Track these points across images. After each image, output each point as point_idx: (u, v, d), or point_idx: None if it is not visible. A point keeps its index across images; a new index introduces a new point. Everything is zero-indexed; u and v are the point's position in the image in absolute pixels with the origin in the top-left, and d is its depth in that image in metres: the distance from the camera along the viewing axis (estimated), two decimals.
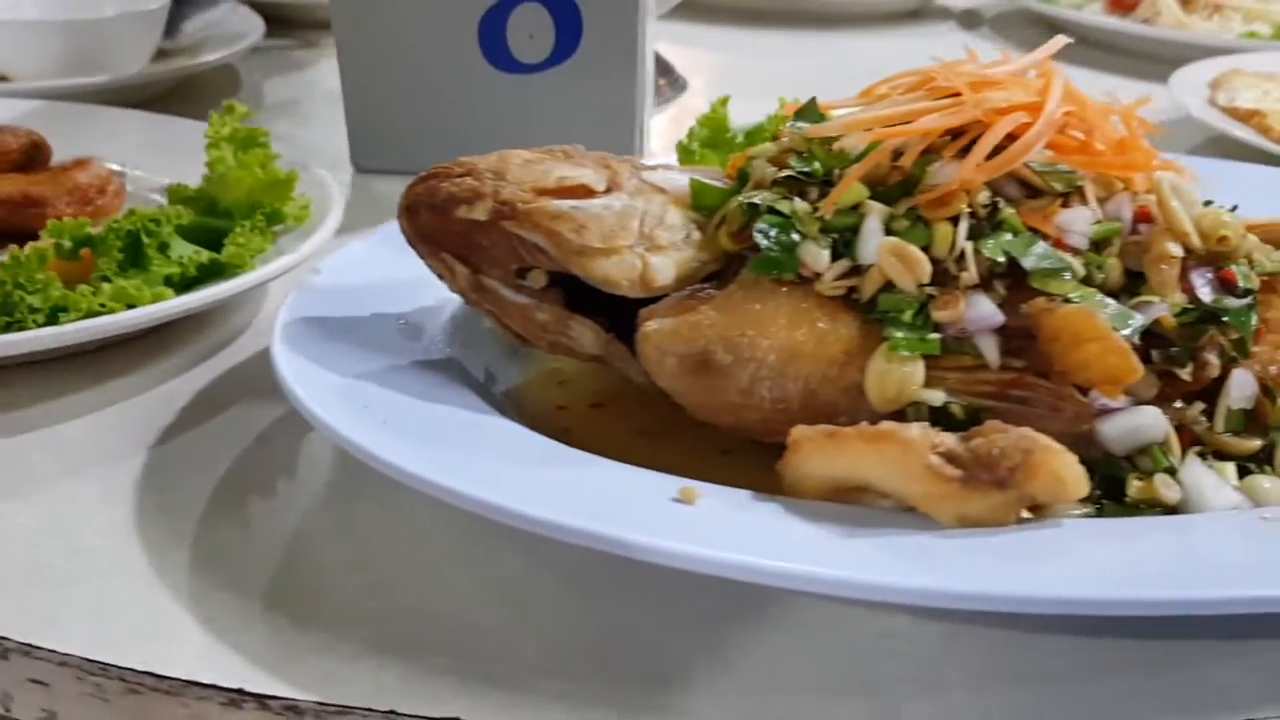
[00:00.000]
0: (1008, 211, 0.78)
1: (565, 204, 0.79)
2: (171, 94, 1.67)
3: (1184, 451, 0.77)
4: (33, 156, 1.20)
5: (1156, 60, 1.82)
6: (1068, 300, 0.75)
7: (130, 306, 0.89)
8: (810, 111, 0.84)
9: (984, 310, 0.76)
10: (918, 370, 0.75)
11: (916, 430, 0.67)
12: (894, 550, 0.64)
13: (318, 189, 1.09)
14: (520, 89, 1.32)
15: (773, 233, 0.77)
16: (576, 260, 0.79)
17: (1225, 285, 0.80)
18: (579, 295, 0.81)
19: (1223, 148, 1.46)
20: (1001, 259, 0.76)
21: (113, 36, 1.59)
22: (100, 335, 0.88)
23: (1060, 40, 0.89)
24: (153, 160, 1.25)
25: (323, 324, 0.84)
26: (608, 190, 0.81)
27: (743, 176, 0.84)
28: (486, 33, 1.30)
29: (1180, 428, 0.78)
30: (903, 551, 0.64)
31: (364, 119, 1.36)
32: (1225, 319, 0.79)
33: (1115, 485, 0.75)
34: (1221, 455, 0.78)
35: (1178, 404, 0.79)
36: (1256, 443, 0.78)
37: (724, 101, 1.07)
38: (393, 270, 0.90)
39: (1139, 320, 0.76)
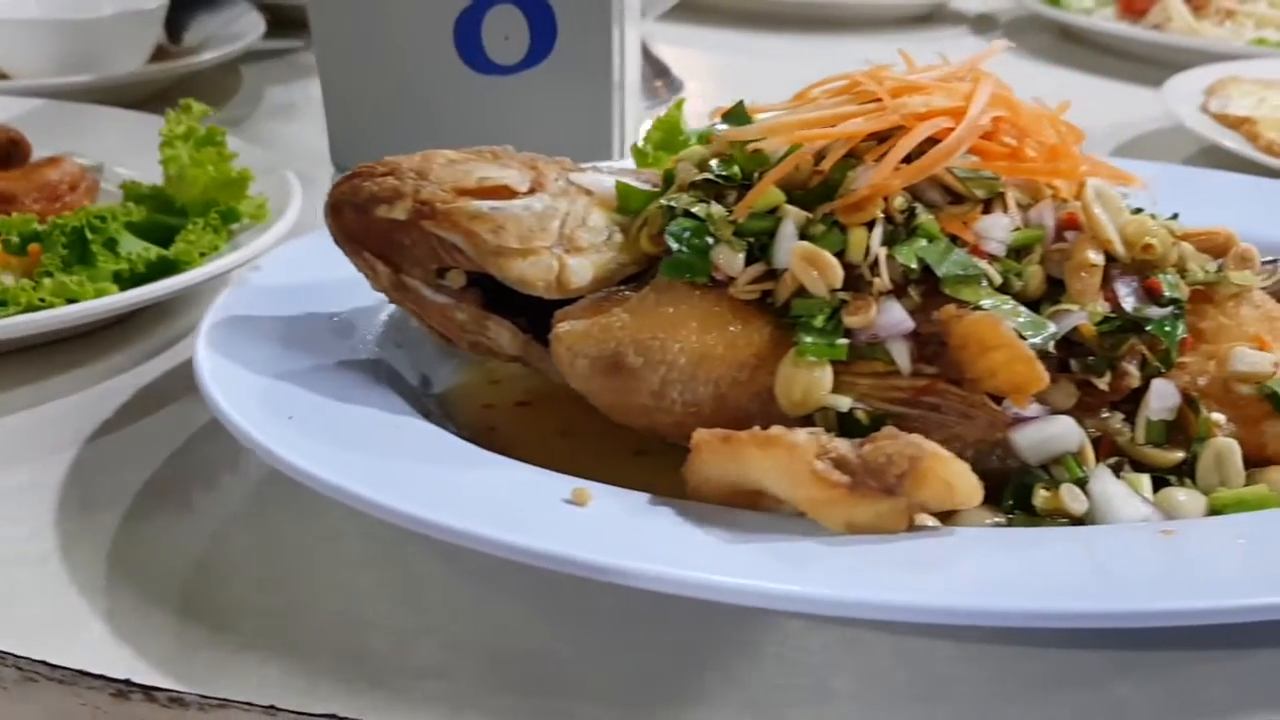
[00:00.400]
0: (924, 217, 0.77)
1: (484, 204, 0.79)
2: (170, 93, 1.69)
3: (1103, 462, 0.76)
4: (10, 153, 1.22)
5: (1166, 66, 1.80)
6: (978, 308, 0.74)
7: (72, 302, 0.90)
8: (737, 114, 0.84)
9: (895, 316, 0.75)
10: (825, 375, 0.74)
11: (804, 435, 0.67)
12: (776, 555, 0.64)
13: (281, 188, 1.10)
14: (496, 90, 1.32)
15: (685, 235, 0.77)
16: (493, 260, 0.79)
17: (1150, 295, 0.79)
18: (499, 296, 0.81)
19: (1216, 157, 1.44)
20: (915, 265, 0.76)
21: (110, 36, 1.62)
22: (37, 330, 0.89)
23: (1001, 45, 0.88)
24: (138, 159, 1.27)
25: (252, 322, 0.85)
26: (530, 191, 0.82)
27: (668, 179, 0.83)
28: (462, 34, 1.30)
29: (1101, 438, 0.78)
30: (784, 556, 0.64)
31: (343, 119, 1.37)
32: (1148, 329, 0.78)
33: (1029, 495, 0.74)
34: (1142, 467, 0.77)
35: (1104, 414, 0.78)
36: (1178, 455, 0.77)
37: (679, 105, 1.07)
38: (333, 269, 0.90)
39: (1051, 329, 0.75)
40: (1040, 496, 0.73)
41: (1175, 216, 0.89)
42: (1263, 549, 0.66)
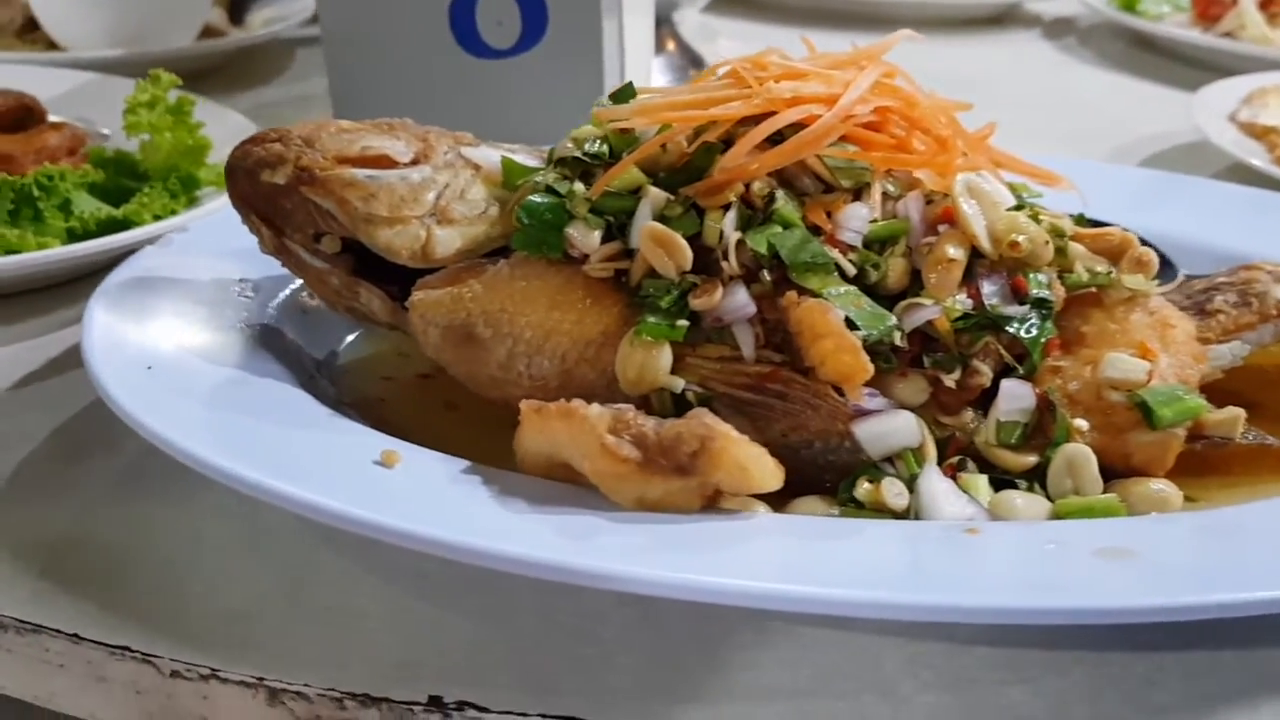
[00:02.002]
0: (782, 204, 0.76)
1: (360, 173, 0.81)
2: (220, 71, 1.76)
3: (947, 460, 0.75)
4: (23, 118, 1.29)
5: (1238, 74, 1.72)
6: (819, 296, 0.73)
7: (12, 254, 0.95)
8: (624, 94, 0.84)
9: (739, 300, 0.75)
10: (663, 356, 0.74)
11: (599, 409, 0.67)
12: (558, 527, 0.64)
13: None
14: (492, 73, 1.35)
15: (538, 210, 0.78)
16: (363, 228, 0.81)
17: (1016, 294, 0.77)
18: (375, 264, 0.83)
19: (1244, 172, 1.37)
20: (765, 251, 0.75)
21: (161, 10, 1.69)
22: None
23: (903, 34, 0.87)
24: None
25: (154, 285, 0.88)
26: (414, 162, 0.83)
27: (551, 156, 0.84)
28: (457, 18, 1.33)
29: (951, 437, 0.76)
30: (566, 529, 0.64)
31: (349, 99, 1.40)
32: (1008, 328, 0.76)
33: None
34: (997, 469, 0.75)
35: (966, 412, 0.76)
36: (1031, 459, 0.75)
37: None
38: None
39: (890, 322, 0.73)
40: (862, 489, 0.72)
41: (1080, 216, 0.86)
42: (1066, 555, 0.64)
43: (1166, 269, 1.06)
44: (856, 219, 0.76)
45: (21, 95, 1.30)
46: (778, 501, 0.73)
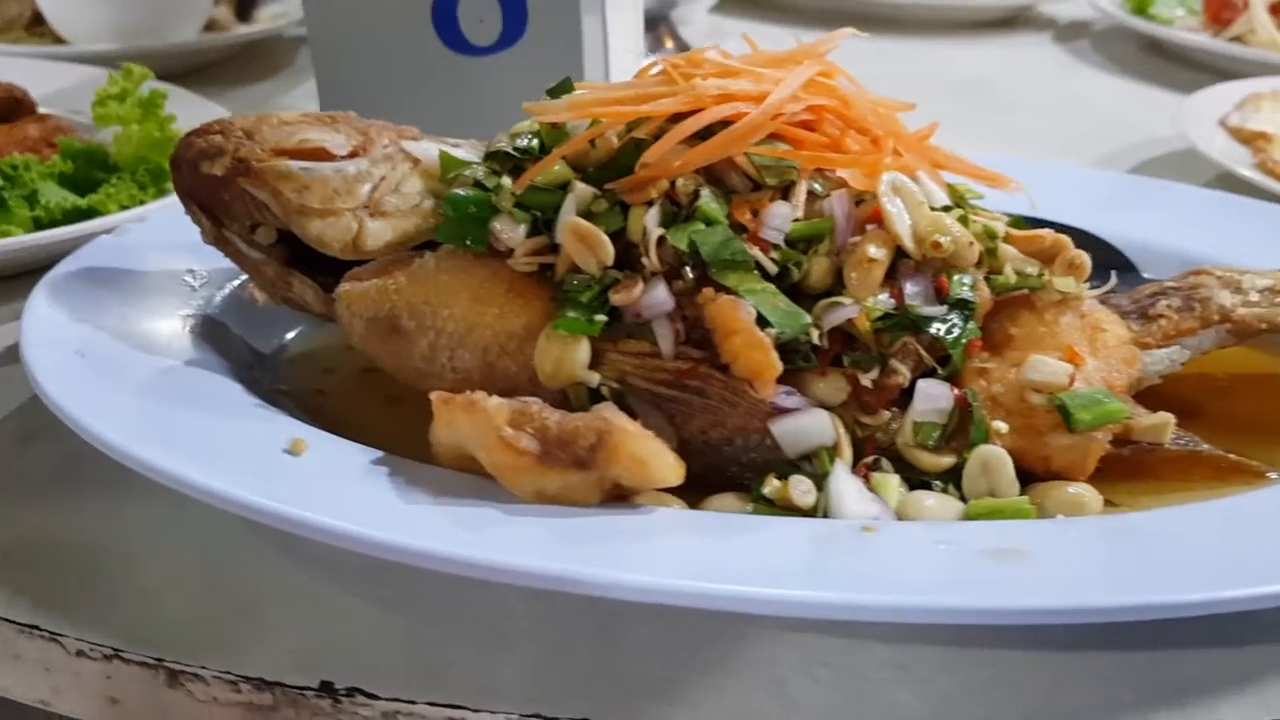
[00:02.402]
0: (705, 201, 0.76)
1: (296, 165, 0.82)
2: (222, 65, 1.78)
3: (863, 459, 0.74)
4: (12, 109, 1.31)
5: (1246, 79, 1.70)
6: (735, 293, 0.73)
7: None
8: (561, 89, 0.84)
9: (658, 296, 0.75)
10: (580, 351, 0.74)
11: (498, 401, 0.67)
12: (451, 518, 0.65)
13: None
14: (474, 70, 1.35)
15: (461, 203, 0.78)
16: (296, 219, 0.81)
17: (939, 294, 0.77)
18: (310, 255, 0.84)
19: (1233, 179, 1.35)
20: (685, 247, 0.75)
21: (166, 5, 1.71)
22: None
23: (845, 32, 0.87)
24: None
25: (102, 275, 0.89)
26: (352, 155, 0.84)
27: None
28: (439, 15, 1.34)
29: (870, 437, 0.76)
30: (461, 520, 0.65)
31: (335, 96, 1.41)
32: (929, 329, 0.75)
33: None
34: (916, 469, 0.75)
35: (888, 412, 0.76)
36: (948, 460, 0.74)
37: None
38: None
39: (805, 321, 0.73)
40: (771, 486, 0.71)
41: (1018, 219, 0.86)
42: (955, 555, 0.64)
43: (1129, 273, 1.06)
44: (779, 217, 0.76)
45: (11, 87, 1.32)
46: (695, 498, 0.73)
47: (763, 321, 0.72)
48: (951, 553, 0.64)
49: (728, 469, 0.77)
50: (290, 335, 0.93)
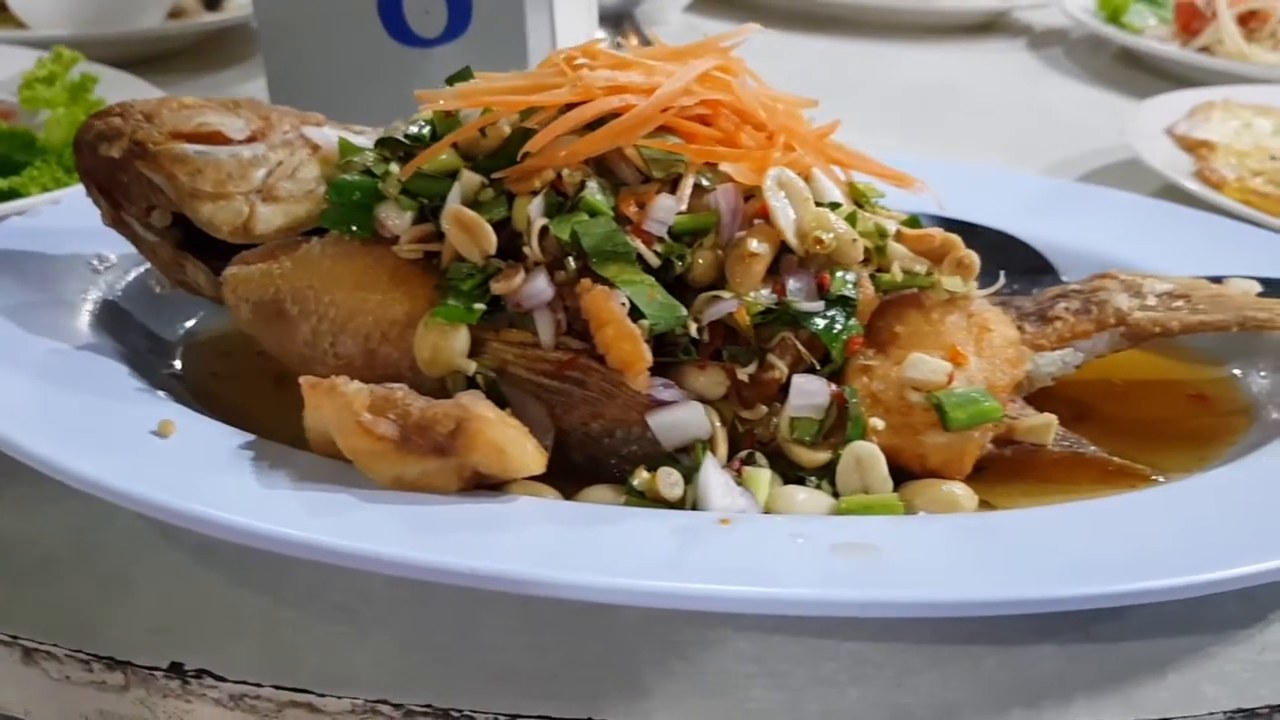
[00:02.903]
0: (590, 192, 0.76)
1: (191, 148, 0.82)
2: (193, 52, 1.79)
3: (738, 454, 0.74)
4: None
5: (1214, 87, 1.70)
6: (612, 284, 0.73)
7: None
8: (460, 77, 0.84)
9: (538, 286, 0.75)
10: (457, 339, 0.74)
11: (358, 386, 0.67)
12: (308, 503, 0.65)
13: None
14: (421, 62, 1.35)
15: (346, 188, 0.78)
16: (189, 202, 0.82)
17: (821, 290, 0.76)
18: (206, 238, 0.84)
19: (1178, 189, 1.35)
20: (567, 238, 0.75)
21: None
22: None
23: (749, 29, 0.87)
24: None
25: (8, 259, 0.89)
26: (250, 140, 0.84)
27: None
28: (385, 7, 1.34)
29: (749, 431, 0.76)
30: (316, 505, 0.65)
31: (285, 85, 1.42)
32: (807, 325, 0.75)
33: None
34: (791, 462, 0.75)
35: (761, 408, 0.76)
36: (824, 456, 0.74)
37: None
38: None
39: (681, 314, 0.73)
40: (640, 478, 0.71)
41: (913, 218, 0.85)
42: (804, 549, 0.64)
43: (1048, 275, 1.05)
44: (663, 210, 0.76)
45: None
46: (575, 489, 0.73)
47: (638, 313, 0.72)
48: (802, 547, 0.64)
49: (609, 461, 0.77)
50: (192, 321, 0.93)
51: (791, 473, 0.75)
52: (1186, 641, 0.69)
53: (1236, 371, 0.93)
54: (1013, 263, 1.07)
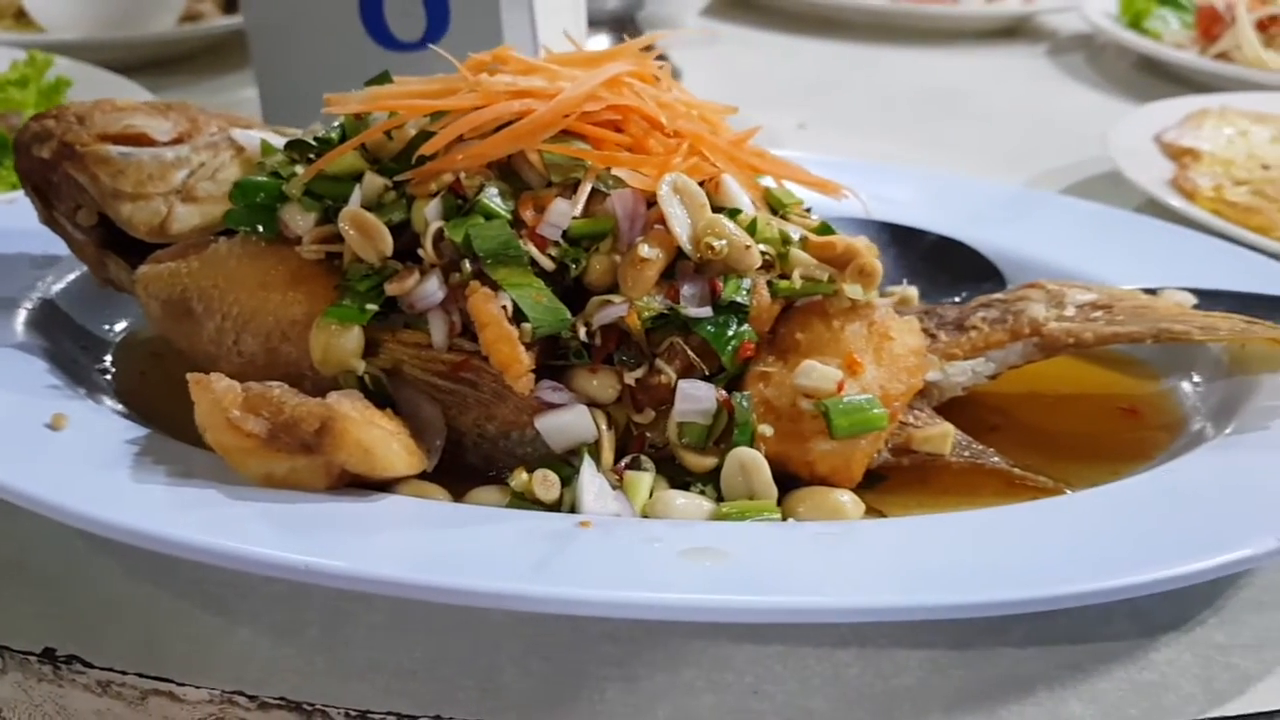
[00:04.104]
0: (486, 196, 0.77)
1: (115, 149, 0.84)
2: (208, 54, 1.82)
3: (628, 458, 0.75)
4: None
5: (1231, 93, 1.67)
6: (498, 287, 0.74)
7: None
8: (380, 80, 0.86)
9: (429, 288, 0.76)
10: (349, 339, 0.76)
11: (227, 383, 0.69)
12: (178, 499, 0.66)
13: None
14: (402, 65, 1.36)
15: (251, 189, 0.80)
16: (111, 202, 0.84)
17: (713, 296, 0.77)
18: (129, 238, 0.86)
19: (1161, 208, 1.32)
20: (460, 240, 0.76)
21: None
22: None
23: (654, 36, 0.87)
24: None
25: None
26: (176, 141, 0.86)
27: None
28: (367, 12, 1.36)
29: (639, 435, 0.76)
30: (184, 500, 0.66)
31: (274, 87, 1.45)
32: (699, 330, 0.75)
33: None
34: (678, 467, 0.75)
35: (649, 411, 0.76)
36: (711, 461, 0.74)
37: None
38: None
39: (565, 317, 0.74)
40: (518, 479, 0.72)
41: (823, 225, 0.85)
42: (655, 553, 0.64)
43: (991, 282, 1.04)
44: (558, 214, 0.77)
45: None
46: (468, 489, 0.74)
47: (522, 316, 0.73)
48: (653, 551, 0.64)
49: (504, 461, 0.78)
50: (129, 320, 0.95)
51: (680, 477, 0.75)
52: (1066, 657, 0.69)
53: (1175, 385, 0.92)
54: (960, 269, 1.06)
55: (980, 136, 1.66)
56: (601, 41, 1.79)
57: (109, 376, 0.88)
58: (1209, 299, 0.94)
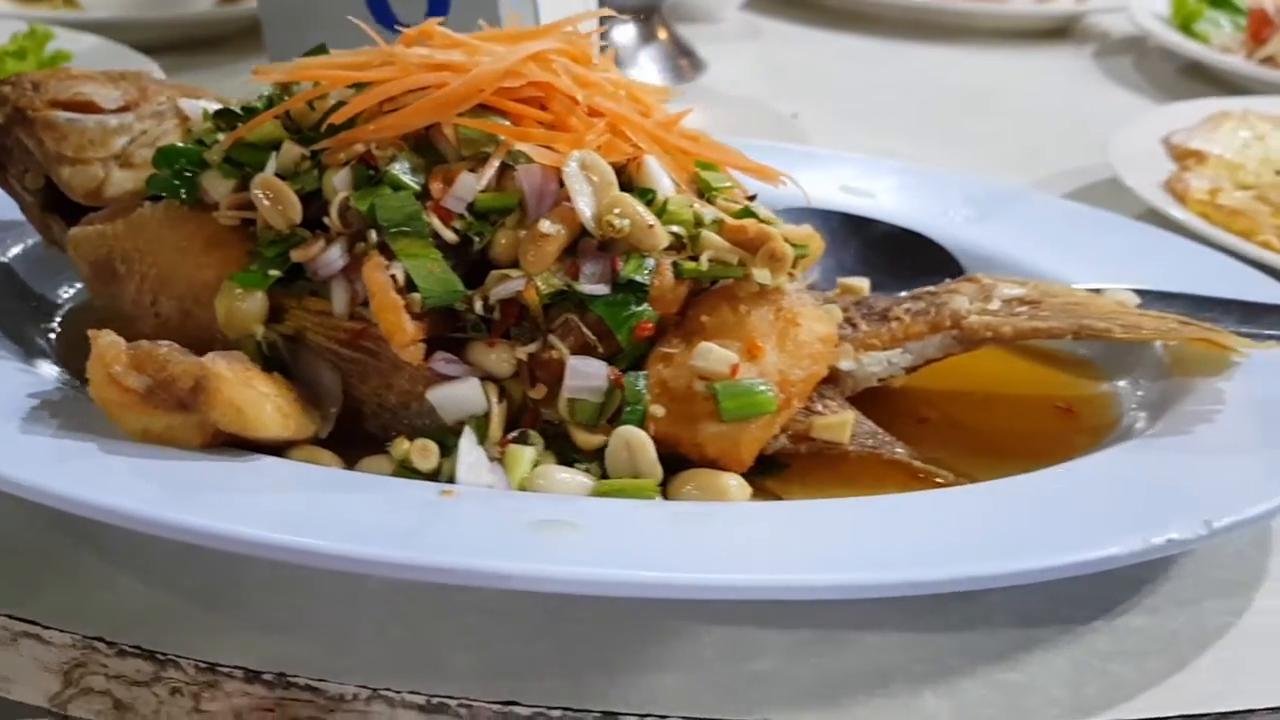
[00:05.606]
0: (393, 167, 0.78)
1: (62, 115, 0.87)
2: (240, 35, 1.86)
3: (514, 433, 0.75)
4: None
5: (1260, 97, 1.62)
6: (393, 257, 0.75)
7: None
8: (315, 52, 0.87)
9: (331, 256, 0.77)
10: (251, 303, 0.77)
11: (111, 339, 0.70)
12: (54, 450, 0.68)
13: None
14: None
15: (172, 155, 0.81)
16: (53, 166, 0.86)
17: (614, 274, 0.76)
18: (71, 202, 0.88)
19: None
20: (365, 210, 0.77)
21: None
22: None
23: (590, 13, 0.87)
24: None
25: None
26: (123, 109, 0.88)
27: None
28: None
29: (534, 410, 0.76)
30: (57, 451, 0.68)
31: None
32: (594, 308, 0.75)
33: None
34: (570, 443, 0.75)
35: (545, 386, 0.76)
36: (600, 439, 0.74)
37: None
38: None
39: (457, 289, 0.74)
40: (399, 449, 0.73)
41: (745, 210, 0.84)
42: (512, 524, 0.64)
43: (950, 275, 1.02)
44: (463, 188, 0.77)
45: None
46: (356, 457, 0.75)
47: (411, 286, 0.74)
48: (504, 521, 0.64)
49: (401, 432, 0.78)
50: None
51: (570, 454, 0.75)
52: (934, 651, 0.68)
53: (1118, 386, 0.90)
54: (922, 263, 1.05)
55: (999, 136, 1.63)
56: (627, 31, 1.80)
57: (52, 337, 0.90)
58: (1164, 300, 0.92)
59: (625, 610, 0.68)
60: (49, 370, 0.83)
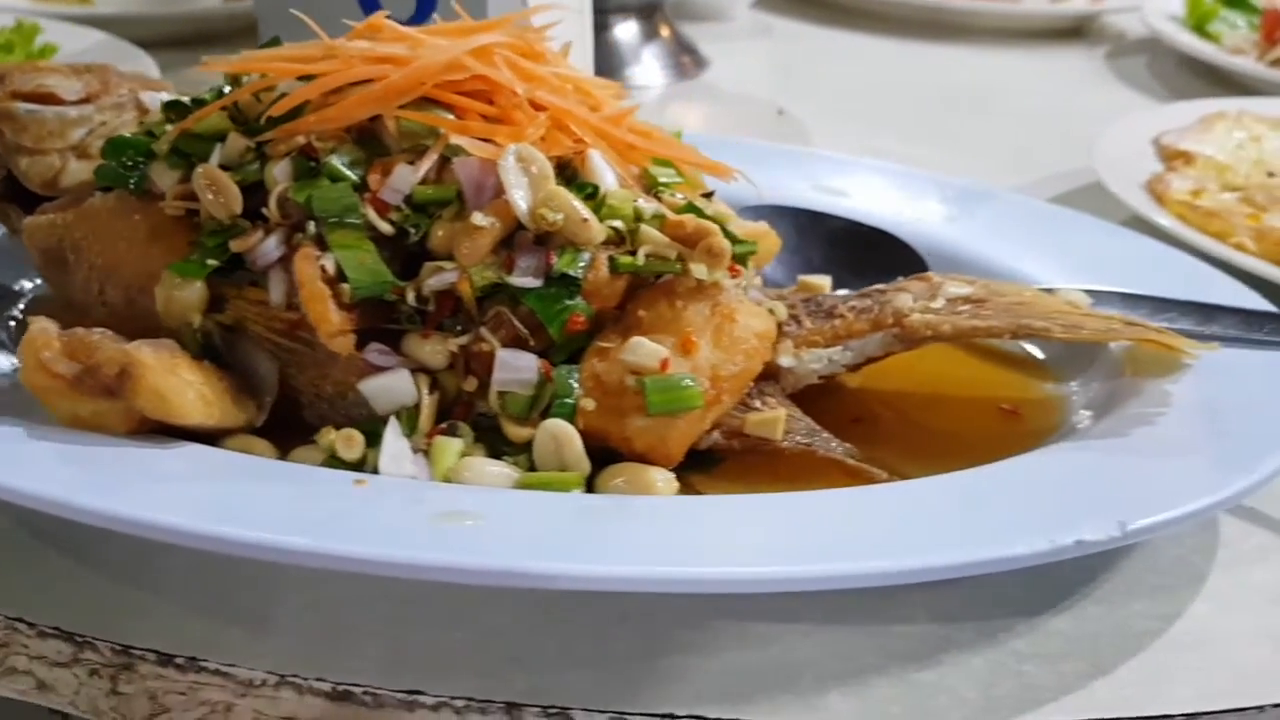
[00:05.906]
0: (331, 159, 0.78)
1: (23, 106, 0.88)
2: (249, 31, 1.88)
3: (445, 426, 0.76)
4: None
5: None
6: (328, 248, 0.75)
7: None
8: (270, 44, 0.88)
9: (267, 246, 0.77)
10: (189, 292, 0.78)
11: (44, 325, 0.71)
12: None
13: None
14: None
15: (120, 146, 0.82)
16: (12, 156, 0.88)
17: (547, 268, 0.77)
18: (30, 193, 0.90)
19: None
20: (302, 201, 0.77)
21: None
22: None
23: (534, 9, 0.87)
24: None
25: None
26: (84, 100, 0.90)
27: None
28: None
29: (468, 403, 0.77)
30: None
31: None
32: (526, 301, 0.76)
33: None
34: (501, 436, 0.75)
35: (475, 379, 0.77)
36: (529, 432, 0.75)
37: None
38: None
39: (386, 280, 0.75)
40: (325, 438, 0.73)
41: (689, 205, 0.84)
42: (417, 514, 0.65)
43: (906, 270, 1.02)
44: (400, 180, 0.78)
45: None
46: (296, 446, 0.76)
47: (341, 276, 0.74)
48: (411, 512, 0.65)
49: (337, 423, 0.79)
50: None
51: (501, 447, 0.75)
52: (846, 649, 0.67)
53: (1068, 387, 0.89)
54: (888, 262, 1.04)
55: (999, 136, 1.62)
56: (630, 28, 1.80)
57: (13, 325, 0.92)
58: (1127, 300, 0.91)
59: (536, 604, 0.68)
60: (4, 360, 0.84)
